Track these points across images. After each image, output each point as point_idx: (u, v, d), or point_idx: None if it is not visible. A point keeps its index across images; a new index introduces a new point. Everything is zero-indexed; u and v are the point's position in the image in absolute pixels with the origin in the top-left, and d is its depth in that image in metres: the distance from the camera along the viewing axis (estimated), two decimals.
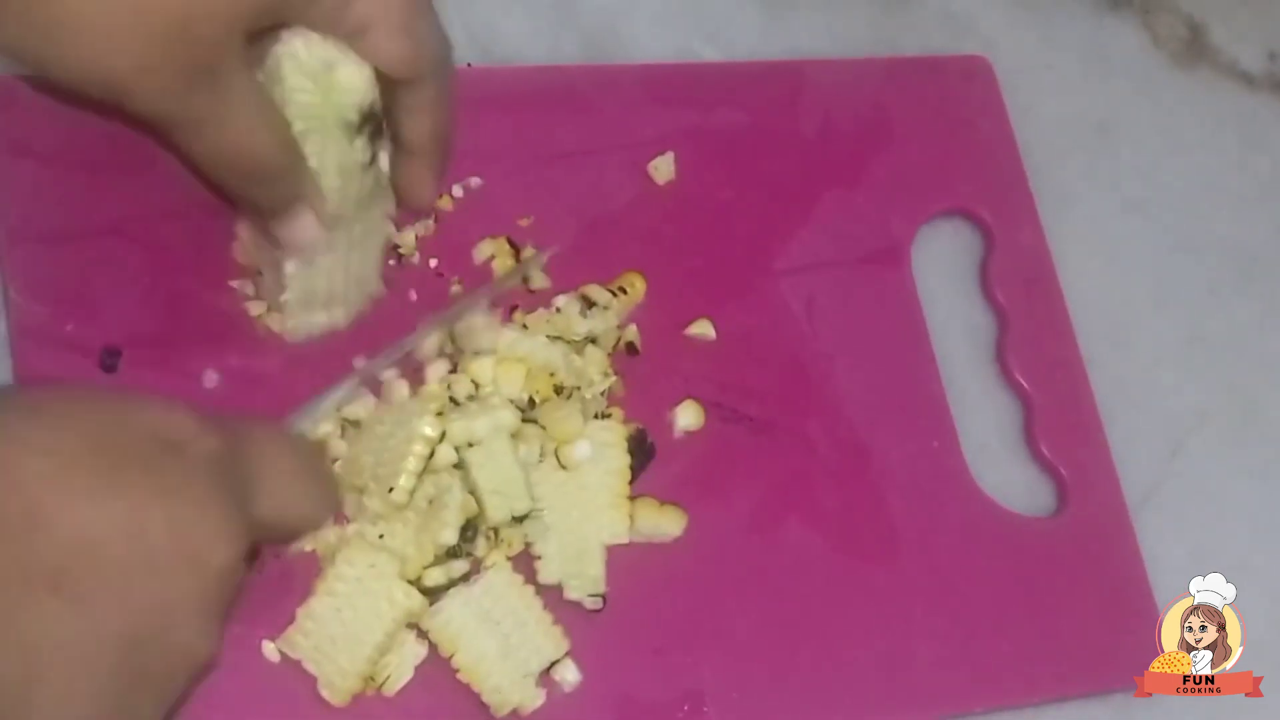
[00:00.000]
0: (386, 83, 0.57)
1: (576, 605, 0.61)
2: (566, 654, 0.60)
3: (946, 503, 0.69)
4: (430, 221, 0.66)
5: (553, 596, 0.61)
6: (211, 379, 0.61)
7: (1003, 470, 0.72)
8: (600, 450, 0.63)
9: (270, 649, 0.58)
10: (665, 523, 0.64)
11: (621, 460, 0.63)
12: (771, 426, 0.68)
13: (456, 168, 0.67)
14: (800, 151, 0.74)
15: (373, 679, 0.58)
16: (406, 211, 0.63)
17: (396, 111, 0.58)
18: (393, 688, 0.58)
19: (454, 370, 0.63)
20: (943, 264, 0.75)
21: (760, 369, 0.69)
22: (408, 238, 0.65)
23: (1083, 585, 0.69)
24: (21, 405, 0.49)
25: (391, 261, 0.65)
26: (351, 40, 0.56)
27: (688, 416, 0.66)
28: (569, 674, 0.60)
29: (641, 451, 0.64)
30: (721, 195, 0.72)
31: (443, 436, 0.59)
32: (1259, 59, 0.86)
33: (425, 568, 0.59)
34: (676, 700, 0.62)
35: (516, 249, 0.67)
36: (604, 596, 0.62)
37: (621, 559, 0.63)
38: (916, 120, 0.76)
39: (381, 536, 0.59)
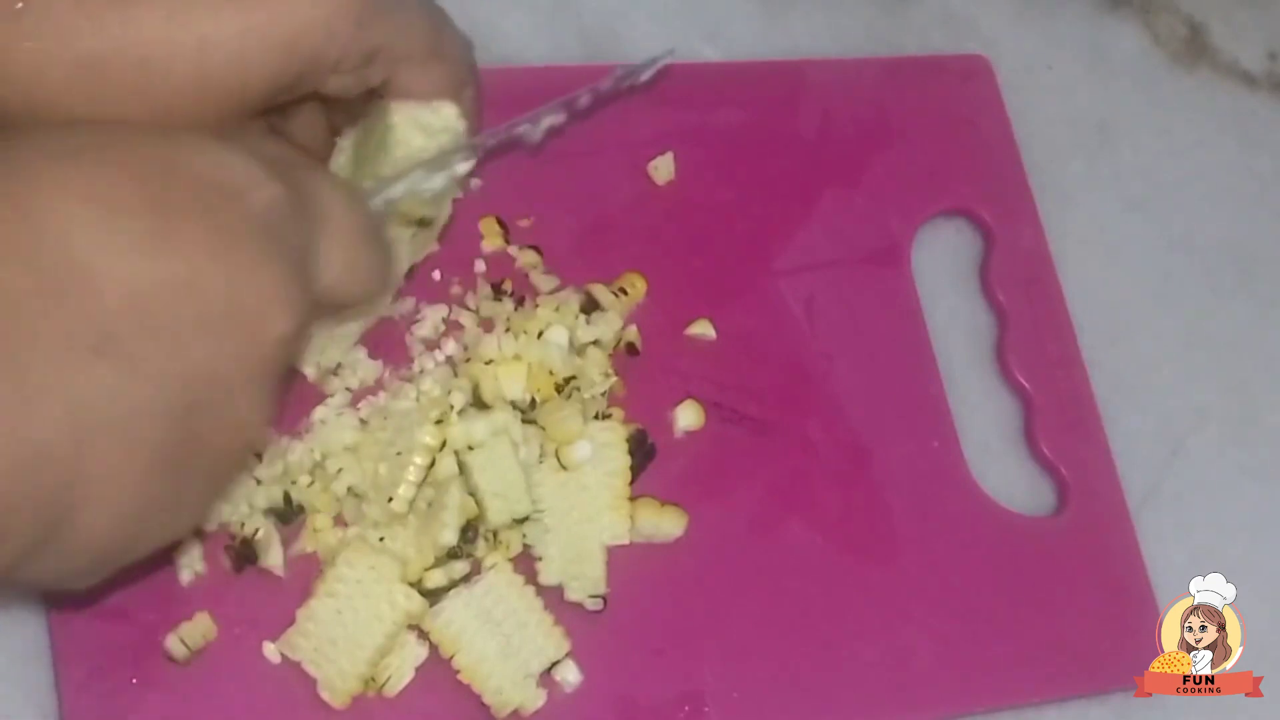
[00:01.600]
0: None
1: (577, 606, 0.61)
2: (567, 655, 0.60)
3: (946, 503, 0.69)
4: None
5: (554, 597, 0.61)
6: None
7: (1003, 470, 0.72)
8: (600, 451, 0.63)
9: (271, 650, 0.58)
10: (666, 523, 0.64)
11: (622, 461, 0.63)
12: (772, 427, 0.68)
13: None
14: (800, 151, 0.74)
15: (373, 680, 0.58)
16: None
17: None
18: (393, 689, 0.58)
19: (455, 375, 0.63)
20: (943, 264, 0.75)
21: (760, 369, 0.69)
22: None
23: (1083, 585, 0.69)
24: (56, 147, 0.43)
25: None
26: (385, 86, 0.54)
27: (688, 417, 0.66)
28: (570, 675, 0.60)
29: (642, 452, 0.64)
30: (721, 195, 0.72)
31: (443, 445, 0.59)
32: (1259, 59, 0.86)
33: (426, 569, 0.59)
34: (677, 700, 0.62)
35: (505, 229, 0.67)
36: (605, 597, 0.62)
37: (622, 560, 0.63)
38: (916, 120, 0.76)
39: (382, 539, 0.59)
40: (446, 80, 0.55)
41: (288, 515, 0.59)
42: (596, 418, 0.64)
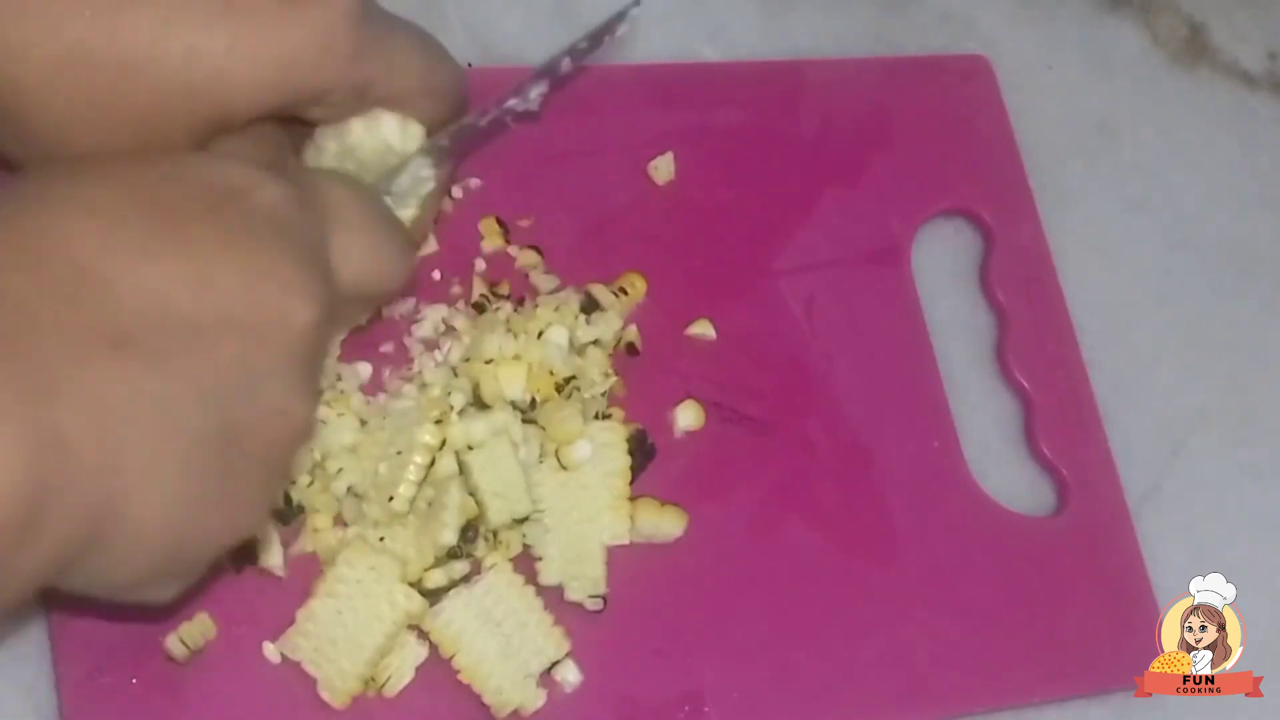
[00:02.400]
0: None
1: (577, 606, 0.61)
2: (567, 654, 0.60)
3: (946, 503, 0.69)
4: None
5: (554, 597, 0.61)
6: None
7: (1003, 470, 0.72)
8: (601, 451, 0.63)
9: (271, 650, 0.58)
10: (666, 523, 0.64)
11: (622, 461, 0.63)
12: (772, 426, 0.68)
13: (456, 168, 0.67)
14: (800, 151, 0.74)
15: (373, 680, 0.58)
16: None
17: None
18: (393, 689, 0.58)
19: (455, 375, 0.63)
20: (943, 264, 0.75)
21: (760, 369, 0.69)
22: None
23: (1083, 585, 0.69)
24: (61, 169, 0.44)
25: None
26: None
27: (688, 417, 0.66)
28: (570, 674, 0.60)
29: (642, 452, 0.64)
30: (721, 195, 0.72)
31: (443, 444, 0.59)
32: (1259, 59, 0.86)
33: (426, 569, 0.59)
34: (677, 700, 0.62)
35: (505, 228, 0.67)
36: (605, 597, 0.62)
37: (622, 560, 0.63)
38: (916, 120, 0.76)
39: (382, 539, 0.59)
40: (434, 116, 0.55)
41: (287, 515, 0.59)
42: (596, 418, 0.64)
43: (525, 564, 0.61)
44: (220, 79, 0.48)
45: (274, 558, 0.59)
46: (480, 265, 0.66)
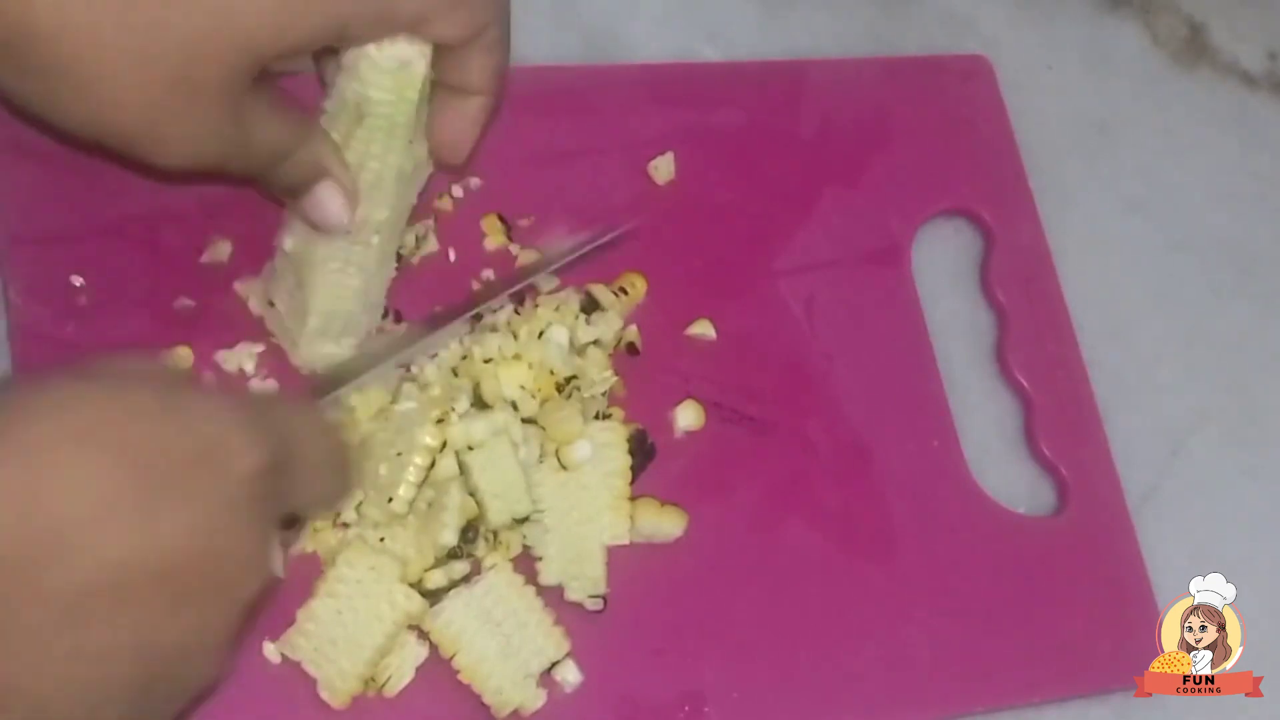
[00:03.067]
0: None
1: (577, 606, 0.61)
2: (567, 655, 0.60)
3: (946, 502, 0.69)
4: (430, 222, 0.66)
5: (554, 597, 0.61)
6: (211, 380, 0.61)
7: (1003, 470, 0.72)
8: (601, 451, 0.63)
9: (271, 650, 0.58)
10: (666, 523, 0.64)
11: (622, 461, 0.63)
12: (772, 426, 0.68)
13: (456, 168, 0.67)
14: (800, 151, 0.74)
15: (373, 680, 0.58)
16: (444, 170, 0.62)
17: (457, 58, 0.57)
18: (393, 689, 0.58)
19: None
20: (943, 264, 0.75)
21: (760, 369, 0.69)
22: (407, 238, 0.65)
23: (1083, 585, 0.69)
24: (51, 407, 0.44)
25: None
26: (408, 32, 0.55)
27: (688, 417, 0.66)
28: (570, 674, 0.60)
29: (642, 452, 0.64)
30: (721, 195, 0.72)
31: (444, 445, 0.59)
32: (1259, 59, 0.86)
33: (426, 570, 0.59)
34: (677, 700, 0.62)
35: (508, 225, 0.67)
36: (605, 597, 0.62)
37: (622, 560, 0.63)
38: (916, 120, 0.76)
39: (382, 539, 0.59)
40: (471, 26, 0.56)
41: (288, 520, 0.59)
42: (596, 418, 0.64)
43: (525, 564, 0.61)
44: (247, 12, 0.50)
45: (274, 558, 0.58)
46: (488, 274, 0.66)
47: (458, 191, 0.67)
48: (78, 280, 0.61)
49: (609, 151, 0.70)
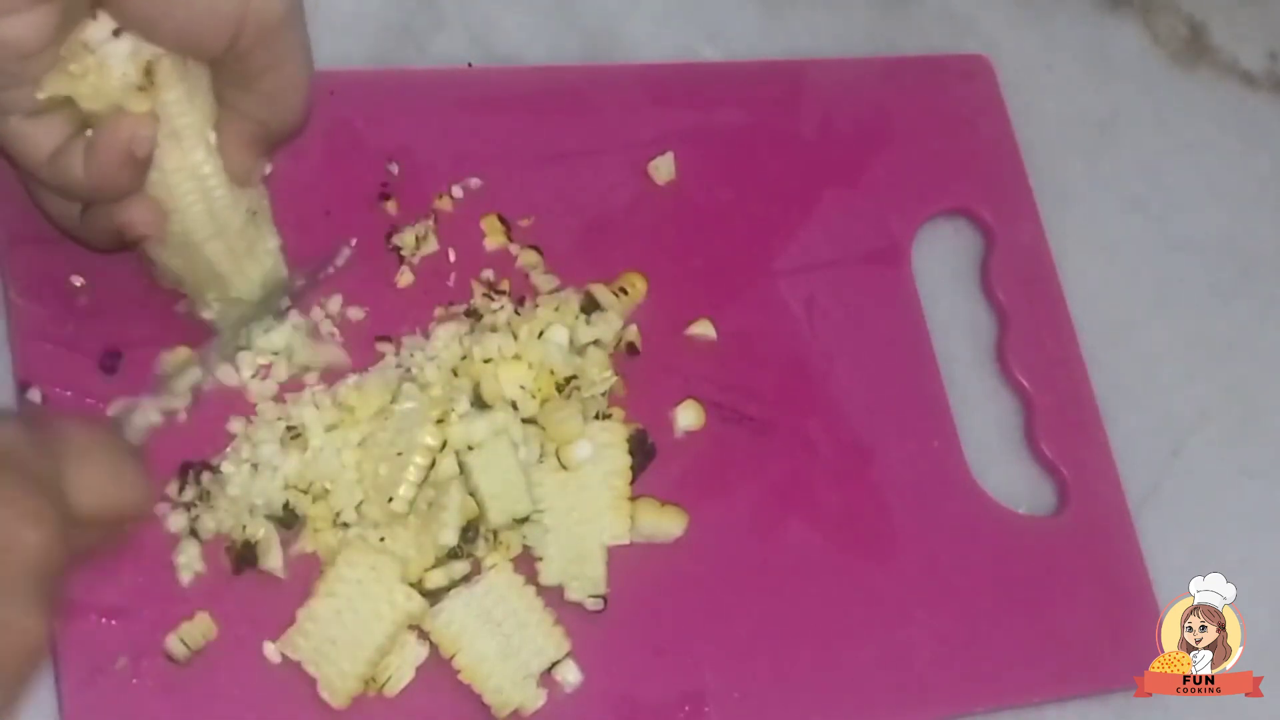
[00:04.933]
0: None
1: (578, 606, 0.61)
2: (568, 654, 0.60)
3: (946, 502, 0.69)
4: (430, 222, 0.66)
5: (554, 597, 0.61)
6: (212, 381, 0.61)
7: (1003, 470, 0.72)
8: (601, 451, 0.63)
9: (271, 650, 0.58)
10: (666, 523, 0.64)
11: (622, 461, 0.63)
12: (772, 426, 0.68)
13: (456, 168, 0.67)
14: (800, 151, 0.74)
15: (373, 680, 0.58)
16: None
17: (246, 68, 0.55)
18: (394, 689, 0.58)
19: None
20: (943, 264, 0.75)
21: (760, 369, 0.69)
22: (407, 238, 0.65)
23: (1083, 585, 0.70)
24: None
25: (399, 267, 0.65)
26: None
27: (688, 417, 0.66)
28: (570, 674, 0.60)
29: (642, 452, 0.64)
30: (721, 195, 0.72)
31: (444, 445, 0.59)
32: (1259, 59, 0.86)
33: (426, 569, 0.59)
34: (677, 700, 0.62)
35: (508, 225, 0.67)
36: (605, 597, 0.62)
37: (622, 560, 0.63)
38: (916, 120, 0.76)
39: (382, 539, 0.59)
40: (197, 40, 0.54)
41: (289, 520, 0.59)
42: (596, 418, 0.64)
43: (525, 564, 0.61)
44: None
45: (274, 558, 0.59)
46: (488, 274, 0.66)
47: (458, 191, 0.67)
48: (78, 280, 0.61)
49: (609, 151, 0.70)
